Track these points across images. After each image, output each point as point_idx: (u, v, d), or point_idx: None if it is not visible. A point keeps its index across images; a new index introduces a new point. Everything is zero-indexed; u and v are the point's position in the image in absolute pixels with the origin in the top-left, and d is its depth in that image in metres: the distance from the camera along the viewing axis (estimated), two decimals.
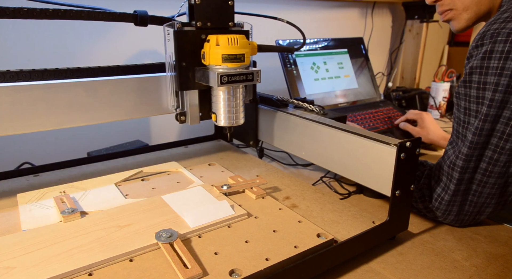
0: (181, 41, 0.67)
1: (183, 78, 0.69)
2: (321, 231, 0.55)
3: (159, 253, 0.50)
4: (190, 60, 0.69)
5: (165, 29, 0.67)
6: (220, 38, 0.64)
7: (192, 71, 0.69)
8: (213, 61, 0.65)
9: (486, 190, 0.61)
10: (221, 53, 0.64)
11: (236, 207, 0.61)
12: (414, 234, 0.65)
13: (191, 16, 0.68)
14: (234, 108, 0.70)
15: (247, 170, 0.81)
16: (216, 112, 0.72)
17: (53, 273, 0.45)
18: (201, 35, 0.68)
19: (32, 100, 0.61)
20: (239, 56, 0.65)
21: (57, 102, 0.64)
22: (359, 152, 0.63)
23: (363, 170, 0.64)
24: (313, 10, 1.41)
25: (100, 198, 0.65)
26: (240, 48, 0.65)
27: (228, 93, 0.69)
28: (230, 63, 0.64)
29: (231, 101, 0.70)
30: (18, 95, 0.60)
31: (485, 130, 0.58)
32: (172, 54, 0.68)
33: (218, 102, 0.70)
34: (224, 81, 0.64)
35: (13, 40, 0.88)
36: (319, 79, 1.19)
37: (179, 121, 0.73)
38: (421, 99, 1.43)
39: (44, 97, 0.62)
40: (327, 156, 0.71)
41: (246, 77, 0.66)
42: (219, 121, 0.72)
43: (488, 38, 0.57)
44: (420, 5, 1.53)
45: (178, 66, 0.68)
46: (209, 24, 0.68)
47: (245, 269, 0.47)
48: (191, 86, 0.71)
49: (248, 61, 0.67)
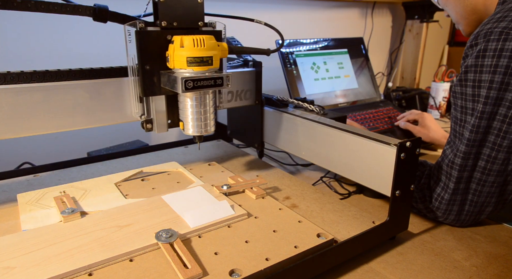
0: (144, 42, 0.61)
1: (147, 83, 0.64)
2: (321, 231, 0.55)
3: (159, 253, 0.50)
4: (154, 63, 0.63)
5: (125, 29, 0.61)
6: (185, 39, 0.59)
7: (157, 75, 0.64)
8: (178, 65, 0.60)
9: (485, 189, 0.61)
10: (186, 55, 0.59)
11: (236, 207, 0.61)
12: (414, 234, 0.65)
13: (156, 15, 0.63)
14: (203, 116, 0.65)
15: (247, 170, 0.81)
16: (184, 120, 0.66)
17: (53, 273, 0.45)
18: (167, 36, 0.63)
19: (33, 102, 0.60)
20: (206, 59, 0.60)
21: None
22: (359, 152, 0.63)
23: (363, 170, 0.64)
24: (313, 10, 1.41)
25: (100, 198, 0.65)
26: (207, 50, 0.60)
27: (196, 99, 0.64)
28: (196, 66, 0.59)
29: (200, 108, 0.64)
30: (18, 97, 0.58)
31: (482, 127, 0.58)
32: (135, 56, 0.62)
33: (185, 109, 0.65)
34: (189, 86, 0.59)
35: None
36: (319, 79, 1.19)
37: (145, 129, 0.68)
38: (421, 99, 1.43)
39: (45, 99, 0.61)
40: (327, 156, 0.71)
41: (214, 81, 0.61)
42: (187, 129, 0.66)
43: (481, 38, 0.58)
44: (420, 5, 1.53)
45: (141, 69, 0.63)
46: (176, 24, 0.63)
47: (245, 269, 0.47)
48: (156, 92, 0.65)
49: (217, 64, 0.62)
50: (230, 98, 0.79)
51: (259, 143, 0.89)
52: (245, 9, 1.23)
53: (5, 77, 0.57)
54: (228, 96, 0.79)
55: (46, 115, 0.61)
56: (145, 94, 0.65)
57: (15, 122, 0.59)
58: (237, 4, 1.21)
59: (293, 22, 1.38)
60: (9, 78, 0.57)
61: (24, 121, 0.60)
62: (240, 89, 0.80)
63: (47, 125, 0.62)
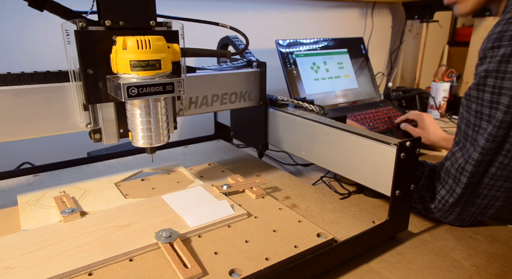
0: (85, 44, 0.55)
1: (91, 89, 0.57)
2: (321, 231, 0.55)
3: (159, 253, 0.50)
4: (99, 67, 0.56)
5: (63, 28, 0.53)
6: (128, 40, 0.52)
7: (103, 80, 0.57)
8: (121, 69, 0.53)
9: (491, 193, 0.60)
10: (129, 58, 0.52)
11: (236, 207, 0.61)
12: (414, 234, 0.65)
13: (99, 13, 0.56)
14: (154, 125, 0.58)
15: (247, 170, 0.81)
16: (132, 130, 0.59)
17: (53, 273, 0.45)
18: (112, 36, 0.56)
19: (33, 104, 0.57)
20: (152, 63, 0.53)
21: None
22: (359, 152, 0.63)
23: (363, 170, 0.64)
24: (313, 10, 1.41)
25: (100, 198, 0.65)
26: (154, 53, 0.53)
27: (144, 107, 0.57)
28: (142, 71, 0.52)
29: (149, 117, 0.58)
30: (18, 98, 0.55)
31: (499, 136, 0.55)
32: (76, 59, 0.56)
33: (133, 119, 0.58)
34: (132, 93, 0.52)
35: None
36: (319, 79, 1.19)
37: (93, 139, 0.61)
38: (421, 99, 1.44)
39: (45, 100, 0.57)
40: (327, 156, 0.71)
41: (163, 88, 0.54)
42: (136, 141, 0.60)
43: (507, 40, 0.53)
44: (420, 5, 1.53)
45: (84, 74, 0.56)
46: (122, 23, 0.56)
47: (245, 269, 0.47)
48: (102, 99, 0.58)
49: (167, 68, 0.55)
50: (234, 99, 0.78)
51: (263, 144, 0.87)
52: (245, 9, 1.23)
53: (5, 78, 0.55)
54: (232, 97, 0.77)
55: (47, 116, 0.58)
56: (89, 101, 0.58)
57: (15, 124, 0.57)
58: (237, 4, 1.21)
59: (293, 22, 1.38)
60: (9, 79, 0.55)
61: (25, 123, 0.57)
62: (244, 90, 0.79)
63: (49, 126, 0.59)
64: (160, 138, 0.60)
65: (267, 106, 0.83)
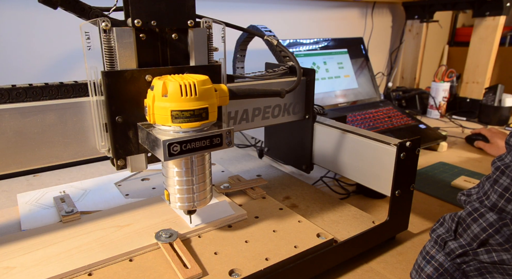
0: (113, 87, 0.45)
1: (120, 140, 0.48)
2: (321, 231, 0.55)
3: (159, 253, 0.50)
4: (130, 114, 0.47)
5: (82, 29, 0.44)
6: (169, 85, 0.43)
7: (133, 128, 0.48)
8: (159, 120, 0.44)
9: None
10: (171, 108, 0.43)
11: (236, 207, 0.61)
12: (414, 234, 0.65)
13: (127, 11, 0.46)
14: (196, 185, 0.49)
15: (247, 170, 0.81)
16: (168, 189, 0.50)
17: (52, 273, 0.45)
18: (146, 76, 0.47)
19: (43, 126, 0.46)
20: (198, 112, 0.43)
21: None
22: (359, 152, 0.63)
23: (363, 170, 0.64)
24: (313, 10, 1.41)
25: (100, 198, 0.65)
26: (200, 100, 0.43)
27: (185, 165, 0.48)
28: (185, 123, 0.43)
29: (191, 177, 0.48)
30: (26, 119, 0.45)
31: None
32: (97, 69, 0.46)
33: (170, 178, 0.49)
34: (174, 151, 0.42)
35: None
36: (319, 79, 1.19)
37: (116, 166, 0.50)
38: (421, 99, 1.44)
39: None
40: (327, 156, 0.71)
41: (210, 141, 0.45)
42: (173, 203, 0.50)
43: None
44: (420, 5, 1.53)
45: (111, 124, 0.47)
46: (154, 23, 0.47)
47: (245, 269, 0.47)
48: (133, 150, 0.49)
49: (213, 117, 0.46)
50: (277, 113, 0.66)
51: (308, 164, 0.74)
52: (245, 9, 1.23)
53: (9, 93, 0.44)
54: (276, 110, 0.66)
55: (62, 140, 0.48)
56: (117, 155, 0.49)
57: (22, 151, 0.45)
58: (237, 4, 1.21)
59: (293, 22, 1.38)
60: (14, 94, 0.44)
61: (32, 149, 0.46)
62: (289, 102, 0.67)
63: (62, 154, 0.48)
64: (201, 201, 0.51)
65: (314, 120, 0.71)
